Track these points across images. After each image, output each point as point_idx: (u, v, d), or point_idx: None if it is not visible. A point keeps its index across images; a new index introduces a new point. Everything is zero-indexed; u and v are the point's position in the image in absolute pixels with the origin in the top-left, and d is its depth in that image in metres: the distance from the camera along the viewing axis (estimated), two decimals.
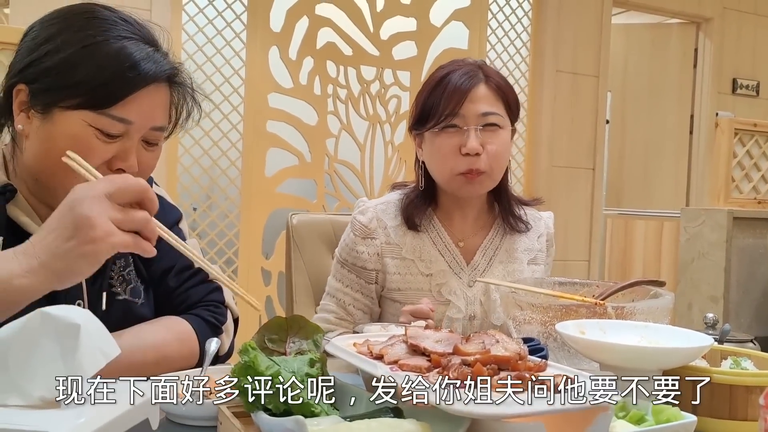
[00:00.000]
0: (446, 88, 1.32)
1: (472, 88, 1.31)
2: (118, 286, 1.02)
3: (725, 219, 2.86)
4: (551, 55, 3.42)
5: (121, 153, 0.91)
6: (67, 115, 0.89)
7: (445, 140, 1.32)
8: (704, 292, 2.88)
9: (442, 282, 1.36)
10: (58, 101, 0.88)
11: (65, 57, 0.88)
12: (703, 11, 3.83)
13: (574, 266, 3.46)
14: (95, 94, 0.88)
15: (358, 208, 1.43)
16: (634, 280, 1.23)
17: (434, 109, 1.32)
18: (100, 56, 0.89)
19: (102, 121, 0.89)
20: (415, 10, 3.15)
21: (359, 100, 3.06)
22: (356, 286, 1.39)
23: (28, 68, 0.90)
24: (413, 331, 0.86)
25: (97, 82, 0.88)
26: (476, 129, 1.31)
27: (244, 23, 2.80)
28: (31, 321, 0.60)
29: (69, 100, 0.88)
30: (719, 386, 0.85)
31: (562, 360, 1.03)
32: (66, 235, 0.74)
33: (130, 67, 0.89)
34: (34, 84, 0.89)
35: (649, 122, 4.15)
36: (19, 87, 0.91)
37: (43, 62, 0.89)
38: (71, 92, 0.88)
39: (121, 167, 0.91)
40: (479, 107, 1.31)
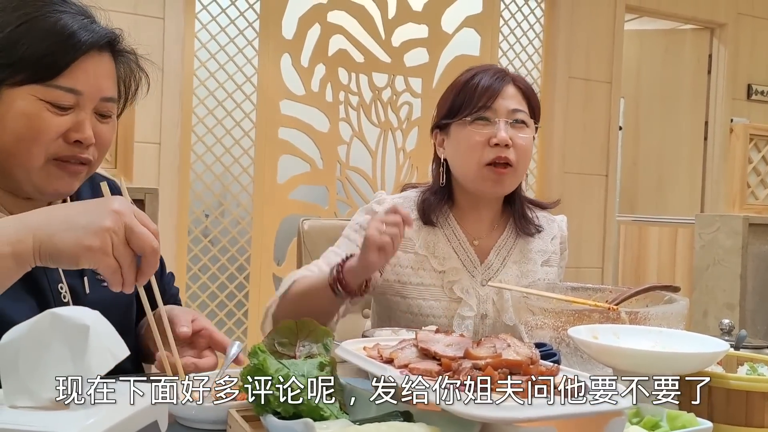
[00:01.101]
0: (477, 86, 1.36)
1: (503, 87, 1.36)
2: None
3: (741, 225, 2.83)
4: (564, 62, 3.41)
5: (76, 125, 0.93)
6: (15, 93, 0.90)
7: (475, 131, 1.34)
8: (720, 299, 2.84)
9: (454, 279, 1.37)
10: (4, 80, 0.89)
11: (4, 36, 0.89)
12: (717, 17, 3.80)
13: (587, 273, 3.43)
14: (39, 66, 0.89)
15: (376, 198, 1.45)
16: (649, 285, 1.22)
17: (466, 103, 1.36)
18: (39, 30, 0.90)
19: (51, 93, 0.90)
20: (427, 17, 3.15)
21: (371, 107, 3.06)
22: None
23: None
24: (424, 335, 0.85)
25: (38, 54, 0.89)
26: (506, 122, 1.34)
27: (257, 31, 2.82)
28: (41, 322, 0.60)
29: (14, 76, 0.89)
30: (736, 392, 0.84)
31: (574, 365, 1.02)
32: (73, 225, 0.73)
33: (69, 35, 0.91)
34: None
35: (663, 128, 4.13)
36: None
37: None
38: (15, 69, 0.89)
39: (78, 139, 0.92)
40: (509, 104, 1.36)
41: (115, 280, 0.76)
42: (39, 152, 0.91)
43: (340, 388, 0.79)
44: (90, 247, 0.72)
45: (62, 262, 0.75)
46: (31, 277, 0.91)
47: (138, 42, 1.07)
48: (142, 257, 0.76)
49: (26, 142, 0.90)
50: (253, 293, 2.84)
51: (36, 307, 0.93)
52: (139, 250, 0.75)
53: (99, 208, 0.75)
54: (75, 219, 0.74)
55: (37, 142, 0.91)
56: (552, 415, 0.64)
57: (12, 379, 0.59)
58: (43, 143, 0.91)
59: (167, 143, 2.62)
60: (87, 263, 0.74)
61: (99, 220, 0.73)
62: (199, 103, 2.74)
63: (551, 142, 3.41)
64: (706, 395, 0.85)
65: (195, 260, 2.76)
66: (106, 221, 0.73)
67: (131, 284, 0.77)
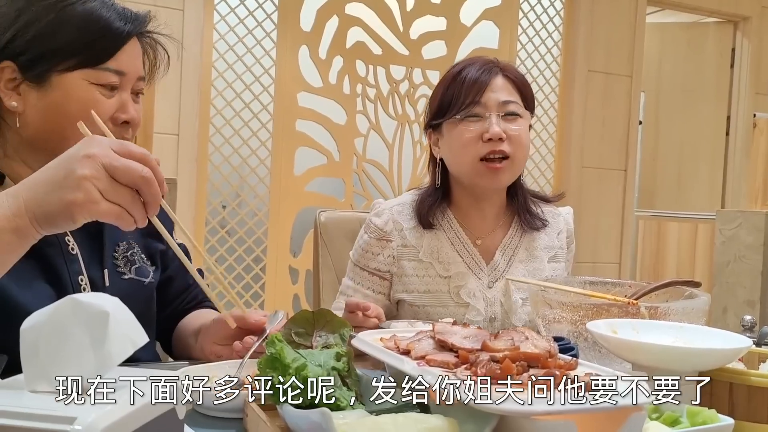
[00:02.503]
0: (465, 80, 1.33)
1: (492, 78, 1.33)
2: (123, 267, 1.05)
3: (763, 221, 2.79)
4: (583, 55, 3.37)
5: (121, 106, 0.95)
6: (66, 78, 0.91)
7: (466, 128, 1.32)
8: (740, 296, 2.81)
9: (460, 284, 1.35)
10: (55, 66, 0.91)
11: (47, 22, 0.90)
12: (741, 10, 3.74)
13: (604, 269, 3.40)
14: (91, 50, 0.91)
15: (374, 209, 1.42)
16: (669, 280, 1.20)
17: (454, 100, 1.33)
18: (79, 18, 0.92)
19: (102, 76, 0.93)
20: (445, 10, 3.13)
21: (388, 100, 3.05)
22: (368, 284, 1.38)
23: (11, 44, 0.90)
24: (441, 327, 0.85)
25: (86, 39, 0.91)
26: (498, 116, 1.31)
27: (275, 22, 2.82)
28: (62, 308, 0.60)
29: (65, 62, 0.91)
30: (758, 389, 0.82)
31: (592, 360, 1.01)
32: (53, 185, 0.71)
33: (115, 19, 0.94)
34: (21, 57, 0.90)
35: (684, 123, 4.07)
36: (2, 65, 0.91)
37: (26, 34, 0.90)
38: (65, 54, 0.91)
39: (125, 119, 0.95)
40: (499, 95, 1.33)
41: (124, 222, 0.73)
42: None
43: (357, 379, 0.79)
44: (74, 202, 0.70)
45: (61, 225, 0.73)
46: (51, 268, 0.94)
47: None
48: (140, 189, 0.74)
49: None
50: (269, 284, 2.86)
51: (54, 297, 0.91)
52: (130, 184, 0.72)
53: (71, 159, 0.72)
54: (54, 178, 0.71)
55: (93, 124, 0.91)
56: (571, 409, 0.63)
57: (33, 364, 0.60)
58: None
59: (186, 134, 2.64)
60: (83, 218, 0.72)
61: (74, 172, 0.70)
62: (217, 94, 2.75)
63: (570, 136, 3.38)
64: (727, 392, 0.84)
65: (212, 251, 2.78)
66: (82, 170, 0.70)
67: (143, 219, 0.75)
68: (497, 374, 0.70)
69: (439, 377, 0.67)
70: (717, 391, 0.85)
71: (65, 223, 0.73)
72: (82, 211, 0.71)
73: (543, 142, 3.40)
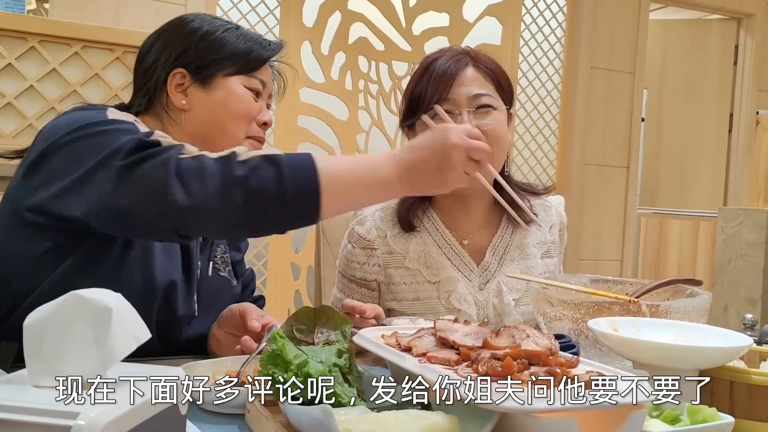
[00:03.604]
0: (432, 75, 1.26)
1: (459, 71, 1.26)
2: (221, 265, 1.23)
3: (764, 219, 2.78)
4: (586, 51, 3.36)
5: (263, 110, 1.17)
6: (228, 81, 1.12)
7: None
8: (741, 294, 2.81)
9: (450, 289, 1.29)
10: (219, 70, 1.12)
11: (215, 38, 1.13)
12: (744, 7, 3.73)
13: (605, 266, 3.40)
14: (246, 61, 1.13)
15: (356, 217, 1.38)
16: (671, 278, 1.20)
17: (422, 97, 1.26)
18: (238, 35, 1.14)
19: (252, 82, 1.14)
20: (448, 6, 3.12)
21: (390, 96, 3.05)
22: (357, 295, 1.34)
23: (184, 55, 1.11)
24: (442, 324, 0.85)
25: (244, 51, 1.13)
26: (468, 112, 1.24)
27: (277, 18, 2.82)
28: (65, 303, 0.61)
29: (228, 67, 1.12)
30: (758, 388, 0.82)
31: (593, 358, 1.01)
32: (432, 161, 0.92)
33: (261, 43, 1.16)
34: (192, 64, 1.11)
35: (687, 120, 4.07)
36: (175, 72, 1.11)
37: (199, 46, 1.12)
38: (228, 62, 1.12)
39: (265, 121, 1.16)
40: (469, 89, 1.25)
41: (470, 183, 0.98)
42: (244, 129, 1.13)
43: (358, 375, 0.80)
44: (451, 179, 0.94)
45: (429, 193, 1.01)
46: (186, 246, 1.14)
47: None
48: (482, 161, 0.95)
49: (239, 119, 1.12)
50: (270, 280, 2.86)
51: (180, 272, 1.11)
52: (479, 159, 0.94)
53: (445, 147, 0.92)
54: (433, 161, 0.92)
55: (247, 119, 1.13)
56: (572, 407, 0.64)
57: (36, 359, 0.60)
58: (250, 121, 1.14)
59: None
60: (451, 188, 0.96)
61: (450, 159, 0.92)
62: None
63: (572, 133, 3.38)
64: (727, 390, 0.84)
65: None
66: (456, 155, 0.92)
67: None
68: (498, 372, 0.70)
69: (440, 375, 0.68)
70: (717, 389, 0.85)
71: (437, 190, 0.99)
72: (453, 185, 0.95)
73: (545, 138, 3.39)
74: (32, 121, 2.09)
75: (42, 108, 2.10)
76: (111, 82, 2.15)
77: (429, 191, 0.98)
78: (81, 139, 0.95)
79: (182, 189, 0.86)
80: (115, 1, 2.39)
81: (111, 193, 0.89)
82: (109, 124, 0.98)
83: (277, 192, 0.86)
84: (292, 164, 0.87)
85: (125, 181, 0.89)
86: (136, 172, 0.88)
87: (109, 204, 0.89)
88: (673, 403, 0.76)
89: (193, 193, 0.86)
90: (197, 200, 0.86)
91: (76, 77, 2.12)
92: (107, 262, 1.01)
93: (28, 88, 2.08)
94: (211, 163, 0.88)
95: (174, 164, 0.87)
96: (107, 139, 0.93)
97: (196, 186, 0.86)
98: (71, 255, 1.00)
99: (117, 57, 2.13)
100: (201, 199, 0.86)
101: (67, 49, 2.11)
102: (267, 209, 0.87)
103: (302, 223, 0.91)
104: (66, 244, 0.99)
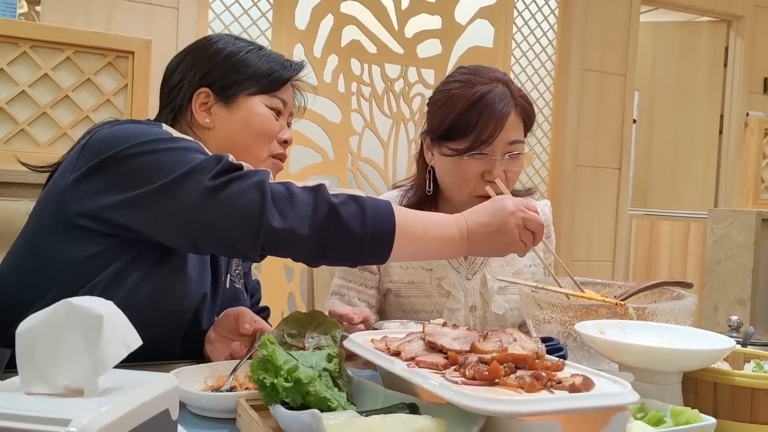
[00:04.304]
0: (482, 113, 1.30)
1: (505, 118, 1.32)
2: (236, 278, 1.27)
3: (754, 220, 2.81)
4: (577, 54, 3.38)
5: (283, 128, 1.20)
6: (250, 101, 1.15)
7: (471, 165, 1.33)
8: (731, 294, 2.83)
9: (441, 276, 1.41)
10: (242, 90, 1.15)
11: (239, 59, 1.16)
12: (734, 9, 3.76)
13: (597, 267, 3.42)
14: (268, 81, 1.17)
15: None
16: (659, 280, 1.22)
17: (468, 132, 1.31)
18: (259, 57, 1.18)
19: (273, 101, 1.17)
20: (440, 8, 3.14)
21: (383, 98, 3.06)
22: (359, 279, 1.44)
23: (209, 74, 1.15)
24: (431, 329, 0.86)
25: (266, 72, 1.17)
26: (502, 159, 1.33)
27: (270, 21, 2.83)
28: (57, 311, 0.61)
29: (250, 87, 1.15)
30: (741, 389, 0.84)
31: (581, 360, 1.03)
32: (493, 225, 1.02)
33: (282, 63, 1.19)
34: (216, 83, 1.14)
35: (678, 122, 4.09)
36: (199, 91, 1.15)
37: (223, 66, 1.15)
38: (251, 82, 1.15)
39: (285, 139, 1.19)
40: (509, 135, 1.33)
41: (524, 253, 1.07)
42: (267, 147, 1.17)
43: (348, 380, 0.81)
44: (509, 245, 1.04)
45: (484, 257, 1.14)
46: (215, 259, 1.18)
47: (152, 32, 1.16)
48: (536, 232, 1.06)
49: (261, 137, 1.15)
50: (264, 283, 2.86)
51: (209, 285, 1.14)
52: (532, 229, 1.05)
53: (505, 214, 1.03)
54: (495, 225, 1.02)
55: (268, 137, 1.16)
56: (556, 409, 0.65)
57: (28, 366, 0.61)
58: (271, 139, 1.17)
59: None
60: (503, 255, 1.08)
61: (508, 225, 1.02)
62: None
63: (564, 134, 3.39)
64: (711, 391, 0.86)
65: None
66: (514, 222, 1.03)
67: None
68: (485, 375, 0.71)
69: (427, 379, 0.69)
70: (701, 390, 0.87)
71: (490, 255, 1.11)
72: (510, 250, 1.05)
73: (538, 140, 3.41)
74: (24, 126, 2.09)
75: (34, 113, 2.10)
76: (103, 86, 2.15)
77: (488, 253, 1.06)
78: (150, 153, 0.96)
79: (277, 213, 0.91)
80: (107, 6, 2.39)
81: (195, 209, 0.92)
82: (177, 141, 1.00)
83: (360, 228, 0.93)
84: (374, 205, 0.96)
85: (214, 198, 0.92)
86: (227, 191, 0.92)
87: (192, 218, 0.92)
88: (657, 403, 0.77)
89: (287, 218, 0.91)
90: (291, 224, 0.91)
91: (68, 82, 2.13)
92: (147, 271, 1.02)
93: (20, 93, 2.08)
94: (300, 192, 0.94)
95: (267, 188, 0.92)
96: (180, 156, 0.96)
97: (290, 211, 0.91)
98: (117, 260, 1.01)
99: (109, 62, 2.14)
100: (294, 224, 0.91)
101: (59, 54, 2.12)
102: (348, 242, 0.93)
103: (373, 261, 0.97)
104: (112, 250, 1.01)
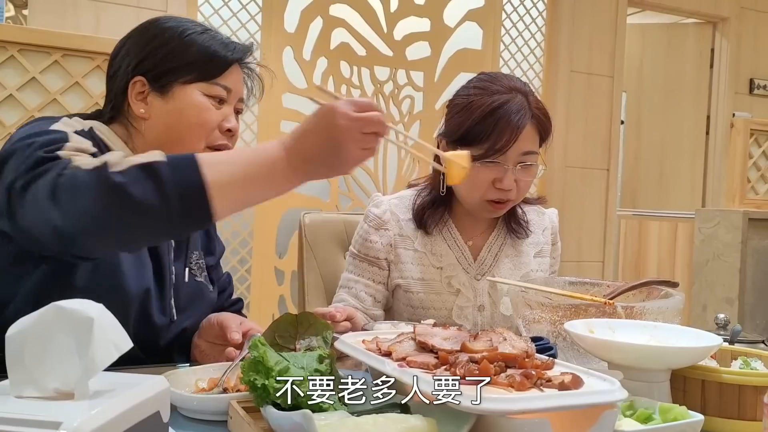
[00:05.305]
0: (498, 123, 1.31)
1: (521, 129, 1.32)
2: (197, 271, 1.23)
3: (740, 220, 2.84)
4: (565, 56, 3.41)
5: (226, 117, 1.13)
6: (186, 90, 1.09)
7: (482, 172, 1.33)
8: (719, 293, 2.85)
9: (452, 275, 1.42)
10: (177, 78, 1.09)
11: (174, 46, 1.10)
12: (719, 11, 3.80)
13: (587, 267, 3.44)
14: (207, 68, 1.10)
15: (373, 201, 1.49)
16: (646, 279, 1.23)
17: (483, 140, 1.32)
18: (198, 41, 1.11)
19: (213, 89, 1.11)
20: (429, 11, 3.15)
21: (372, 101, 3.06)
22: (368, 274, 1.43)
23: (143, 62, 1.10)
24: (422, 329, 0.86)
25: (204, 59, 1.10)
26: (514, 168, 1.34)
27: (259, 24, 2.82)
28: (46, 314, 0.61)
29: (186, 75, 1.09)
30: (728, 386, 0.85)
31: (571, 359, 1.03)
32: (325, 147, 0.87)
33: (225, 46, 1.13)
34: (151, 72, 1.09)
35: (665, 123, 4.13)
36: (135, 80, 1.09)
37: (157, 54, 1.09)
38: (187, 69, 1.09)
39: (228, 128, 1.12)
40: (522, 146, 1.33)
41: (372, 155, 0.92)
42: (202, 139, 1.10)
43: (339, 381, 0.81)
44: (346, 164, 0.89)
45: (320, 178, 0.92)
46: (156, 251, 1.12)
47: None
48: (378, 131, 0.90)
49: (196, 128, 1.09)
50: (255, 285, 2.86)
51: (152, 278, 1.09)
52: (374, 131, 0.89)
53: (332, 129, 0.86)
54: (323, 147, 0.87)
55: (205, 129, 1.10)
56: (544, 407, 0.65)
57: (18, 369, 0.60)
58: (209, 131, 1.10)
59: None
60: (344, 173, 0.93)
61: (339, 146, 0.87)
62: None
63: (553, 136, 3.41)
64: (699, 388, 0.87)
65: None
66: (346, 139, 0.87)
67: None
68: (475, 374, 0.72)
69: (417, 378, 0.69)
70: (690, 387, 0.88)
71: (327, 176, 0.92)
72: (352, 166, 0.90)
73: None
74: (11, 129, 2.08)
75: (22, 116, 2.09)
76: (91, 90, 2.15)
77: (328, 176, 0.92)
78: (14, 153, 0.92)
79: (56, 210, 0.81)
80: (95, 9, 2.38)
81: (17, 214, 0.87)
82: (34, 137, 0.93)
83: (158, 201, 0.81)
84: (174, 168, 0.82)
85: (22, 204, 0.86)
86: (28, 194, 0.85)
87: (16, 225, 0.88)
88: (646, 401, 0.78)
89: (67, 213, 0.81)
90: (75, 223, 0.81)
91: (56, 86, 2.12)
92: (78, 272, 0.99)
93: (7, 97, 2.07)
94: (85, 178, 0.82)
95: (52, 183, 0.82)
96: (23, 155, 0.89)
97: (69, 204, 0.81)
98: (43, 263, 0.98)
99: (97, 65, 2.13)
100: (76, 219, 0.81)
101: (47, 57, 2.11)
102: (148, 220, 0.82)
103: (194, 227, 0.90)
104: (32, 253, 0.97)
